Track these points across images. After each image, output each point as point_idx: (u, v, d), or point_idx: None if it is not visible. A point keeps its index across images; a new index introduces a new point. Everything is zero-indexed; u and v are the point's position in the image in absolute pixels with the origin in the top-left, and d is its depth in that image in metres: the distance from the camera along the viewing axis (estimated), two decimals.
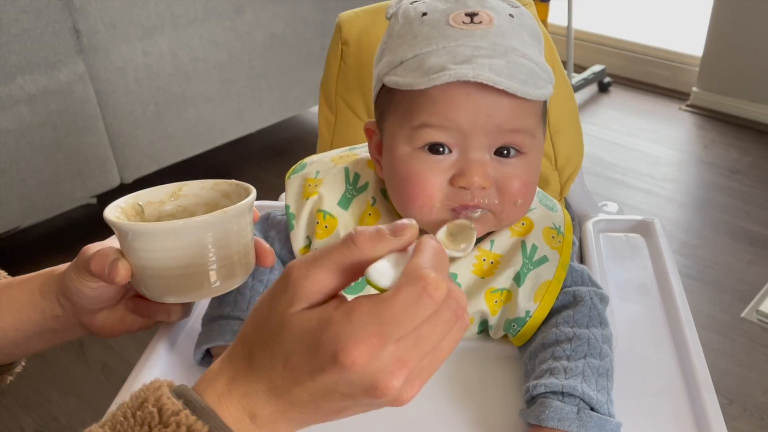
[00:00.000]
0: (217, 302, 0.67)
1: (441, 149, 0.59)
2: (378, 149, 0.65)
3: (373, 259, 0.41)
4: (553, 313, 0.64)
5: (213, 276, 0.57)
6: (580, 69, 2.83)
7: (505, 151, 0.59)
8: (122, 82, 1.86)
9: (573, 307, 0.63)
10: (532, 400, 0.58)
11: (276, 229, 0.71)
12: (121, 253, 0.58)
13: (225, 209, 0.55)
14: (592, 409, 0.56)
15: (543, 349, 0.61)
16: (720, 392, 0.62)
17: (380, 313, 0.39)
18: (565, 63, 2.59)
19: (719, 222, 2.03)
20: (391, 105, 0.61)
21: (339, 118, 0.99)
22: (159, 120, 1.97)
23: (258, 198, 0.96)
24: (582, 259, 0.81)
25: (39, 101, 1.72)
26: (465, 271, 0.65)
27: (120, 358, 1.66)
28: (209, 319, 0.66)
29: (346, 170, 0.70)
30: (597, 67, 2.80)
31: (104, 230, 0.58)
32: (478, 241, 0.66)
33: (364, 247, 0.41)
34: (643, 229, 0.84)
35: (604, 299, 0.65)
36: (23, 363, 0.72)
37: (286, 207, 0.70)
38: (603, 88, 2.81)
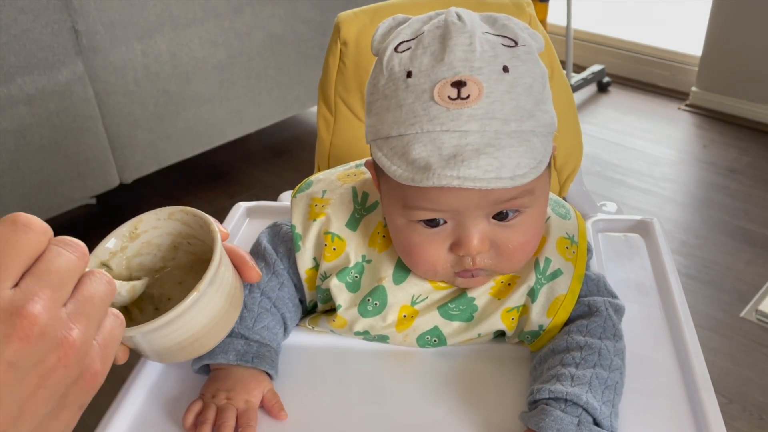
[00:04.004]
0: None
1: (436, 221, 0.58)
2: (379, 186, 0.64)
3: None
4: (567, 321, 0.64)
5: (214, 335, 0.57)
6: (579, 69, 2.83)
7: (505, 212, 0.58)
8: (121, 83, 1.86)
9: (588, 317, 0.63)
10: (534, 404, 0.58)
11: (285, 246, 0.70)
12: None
13: (204, 280, 0.53)
14: (594, 420, 0.56)
15: (553, 355, 0.61)
16: (719, 392, 0.62)
17: None
18: (564, 63, 2.59)
19: (718, 222, 2.03)
20: (383, 174, 0.59)
21: (338, 118, 0.99)
22: (158, 120, 1.97)
23: (257, 198, 0.97)
24: None
25: (38, 102, 1.72)
26: (483, 294, 0.65)
27: None
28: None
29: (354, 190, 0.69)
30: (596, 67, 2.80)
31: (104, 231, 0.58)
32: None
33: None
34: (642, 228, 0.85)
35: (619, 310, 0.64)
36: None
37: (292, 227, 0.69)
38: (602, 88, 2.81)
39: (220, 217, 0.67)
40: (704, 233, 1.98)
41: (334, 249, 0.67)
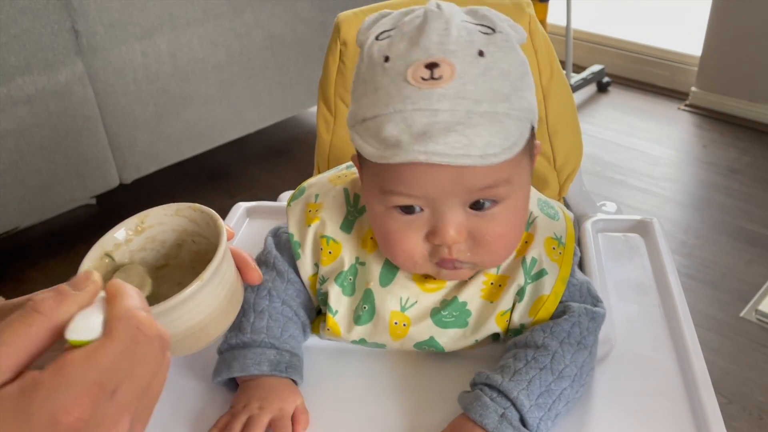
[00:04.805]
0: (248, 327, 0.64)
1: (413, 208, 0.58)
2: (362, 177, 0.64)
3: (64, 321, 0.39)
4: None
5: (210, 330, 0.56)
6: (579, 69, 2.83)
7: (481, 202, 0.57)
8: (121, 83, 1.86)
9: (557, 319, 0.63)
10: (473, 386, 0.59)
11: (287, 254, 0.70)
12: None
13: (208, 270, 0.53)
14: (522, 418, 0.56)
15: (513, 347, 0.62)
16: (719, 392, 0.62)
17: (98, 360, 0.37)
18: (563, 63, 2.59)
19: (718, 222, 2.03)
20: (363, 160, 0.60)
21: (338, 118, 0.99)
22: (158, 120, 1.97)
23: (257, 198, 0.97)
24: (581, 259, 0.81)
25: (38, 102, 1.72)
26: (475, 298, 0.65)
27: None
28: (242, 345, 0.64)
29: (346, 192, 0.69)
30: (596, 67, 2.80)
31: (103, 231, 0.58)
32: None
33: (49, 312, 0.38)
34: (642, 228, 0.85)
35: (596, 318, 0.63)
36: None
37: (290, 236, 0.69)
38: (602, 88, 2.81)
39: (220, 217, 0.67)
40: (704, 233, 1.98)
41: (330, 252, 0.67)
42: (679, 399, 0.61)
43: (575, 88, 2.69)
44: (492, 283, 0.65)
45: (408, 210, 0.58)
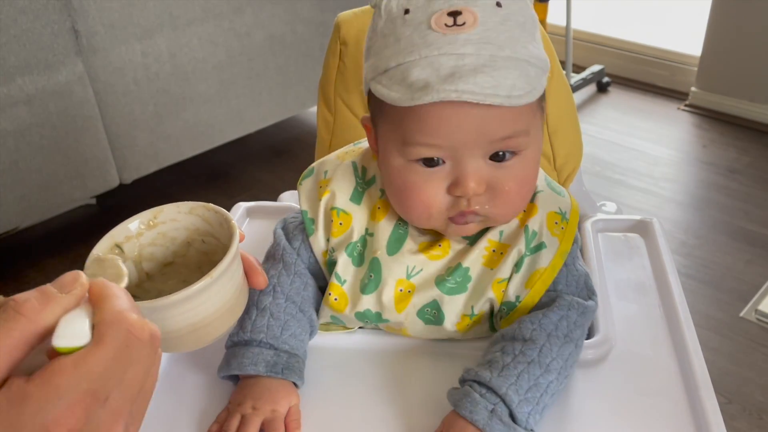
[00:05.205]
0: (249, 324, 0.64)
1: (435, 161, 0.59)
2: (376, 144, 0.65)
3: (49, 324, 0.37)
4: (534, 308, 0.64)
5: (215, 327, 0.56)
6: (578, 69, 2.83)
7: (501, 153, 0.59)
8: (121, 83, 1.86)
9: (546, 309, 0.63)
10: (463, 383, 0.59)
11: (300, 237, 0.70)
12: None
13: (219, 268, 0.53)
14: (511, 413, 0.56)
15: (501, 340, 0.62)
16: (719, 391, 0.62)
17: (88, 368, 0.35)
18: (563, 63, 2.59)
19: (718, 221, 2.03)
20: (382, 113, 0.61)
21: (338, 118, 0.99)
22: (158, 120, 1.97)
23: (257, 198, 0.97)
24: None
25: (38, 102, 1.72)
26: (476, 265, 0.65)
27: None
28: (243, 343, 0.64)
29: (354, 165, 0.70)
30: (596, 67, 2.80)
31: (103, 231, 0.58)
32: (487, 229, 0.66)
33: (33, 315, 0.36)
34: (642, 228, 0.85)
35: (586, 312, 0.64)
36: None
37: (303, 213, 0.70)
38: (602, 88, 2.81)
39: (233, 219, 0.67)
40: (704, 233, 1.98)
41: (341, 224, 0.68)
42: (679, 399, 0.61)
43: (575, 88, 2.69)
44: (494, 251, 0.66)
45: (429, 162, 0.59)
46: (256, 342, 0.63)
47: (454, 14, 0.55)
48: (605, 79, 2.80)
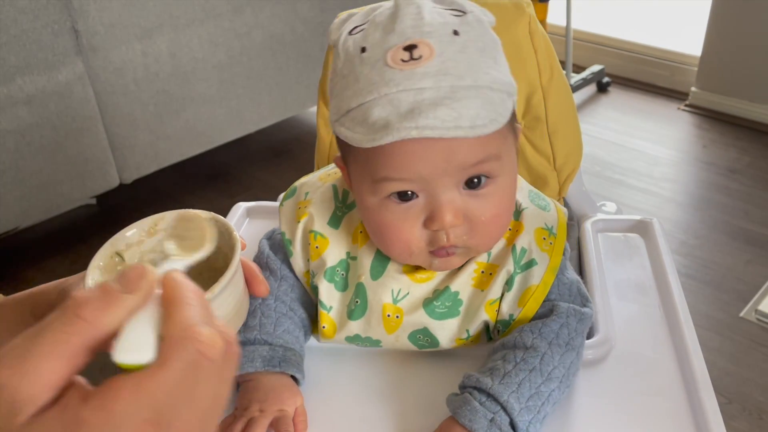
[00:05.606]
0: (241, 327, 0.64)
1: (408, 194, 0.58)
2: (350, 183, 0.64)
3: (111, 329, 0.33)
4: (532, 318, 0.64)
5: None
6: (578, 69, 2.83)
7: (476, 180, 0.58)
8: (121, 83, 1.86)
9: (546, 319, 0.62)
10: (463, 389, 0.59)
11: (282, 253, 0.70)
12: None
13: (221, 282, 0.52)
14: (511, 421, 0.56)
15: (501, 349, 0.61)
16: (719, 392, 0.62)
17: (150, 393, 0.32)
18: (563, 63, 2.59)
19: (718, 222, 2.03)
20: (350, 154, 0.60)
21: None
22: (158, 120, 1.97)
23: (257, 198, 0.97)
24: (580, 259, 0.81)
25: (38, 102, 1.72)
26: (465, 288, 0.65)
27: None
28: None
29: (334, 188, 0.70)
30: (596, 67, 2.80)
31: (103, 231, 0.58)
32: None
33: (94, 318, 0.33)
34: (642, 228, 0.85)
35: (584, 319, 0.63)
36: None
37: (282, 234, 0.70)
38: (602, 88, 2.81)
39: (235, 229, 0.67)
40: (704, 233, 1.98)
41: (317, 247, 0.67)
42: (679, 399, 0.61)
43: (575, 88, 2.69)
44: (483, 272, 0.65)
45: (403, 197, 0.58)
46: (250, 341, 0.63)
47: (410, 48, 0.54)
48: (605, 79, 2.80)
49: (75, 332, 0.32)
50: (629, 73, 2.88)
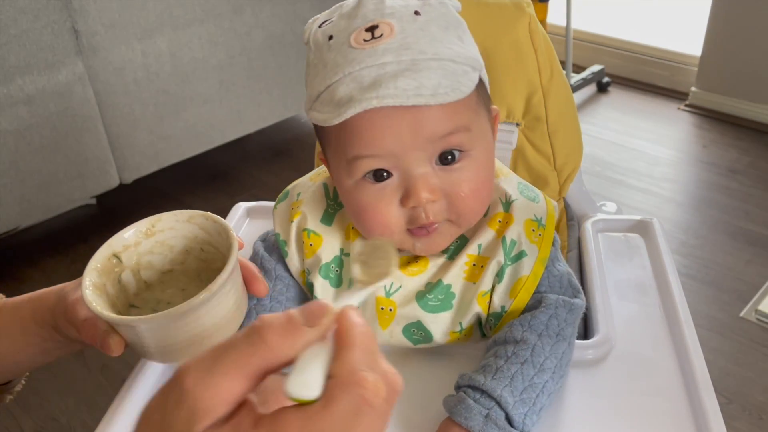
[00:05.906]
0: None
1: (382, 174, 0.58)
2: (328, 166, 0.65)
3: (287, 359, 0.35)
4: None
5: (216, 338, 0.56)
6: (578, 69, 2.83)
7: (449, 156, 0.58)
8: (121, 83, 1.86)
9: (534, 311, 0.63)
10: (458, 389, 0.59)
11: (277, 253, 0.71)
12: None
13: (217, 281, 0.53)
14: (507, 416, 0.56)
15: (493, 345, 0.62)
16: (719, 392, 0.62)
17: (315, 430, 0.33)
18: (563, 63, 2.59)
19: (718, 222, 2.03)
20: (324, 139, 0.61)
21: None
22: (158, 120, 1.97)
23: (257, 198, 0.97)
24: (581, 259, 0.81)
25: (38, 102, 1.72)
26: (458, 280, 0.65)
27: (119, 358, 1.65)
28: None
29: (325, 186, 0.70)
30: (596, 67, 2.80)
31: (103, 231, 0.58)
32: (464, 244, 0.66)
33: (275, 344, 0.34)
34: (642, 228, 0.85)
35: (574, 309, 0.63)
36: (23, 382, 0.72)
37: (277, 235, 0.70)
38: (602, 88, 2.81)
39: (232, 229, 0.67)
40: (704, 233, 1.98)
41: (311, 245, 0.68)
42: (679, 399, 0.61)
43: (575, 88, 2.69)
44: (474, 264, 0.65)
45: (377, 176, 0.58)
46: None
47: (372, 29, 0.56)
48: (605, 79, 2.80)
49: (257, 353, 0.34)
50: (629, 73, 2.88)
